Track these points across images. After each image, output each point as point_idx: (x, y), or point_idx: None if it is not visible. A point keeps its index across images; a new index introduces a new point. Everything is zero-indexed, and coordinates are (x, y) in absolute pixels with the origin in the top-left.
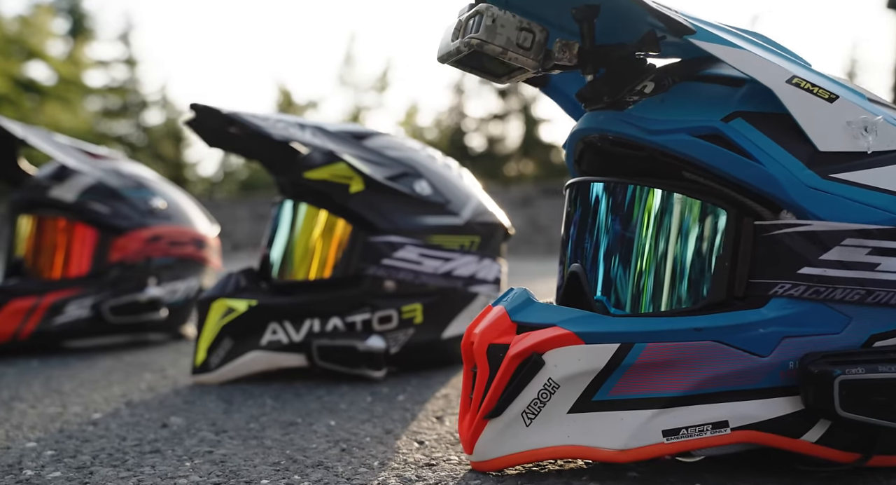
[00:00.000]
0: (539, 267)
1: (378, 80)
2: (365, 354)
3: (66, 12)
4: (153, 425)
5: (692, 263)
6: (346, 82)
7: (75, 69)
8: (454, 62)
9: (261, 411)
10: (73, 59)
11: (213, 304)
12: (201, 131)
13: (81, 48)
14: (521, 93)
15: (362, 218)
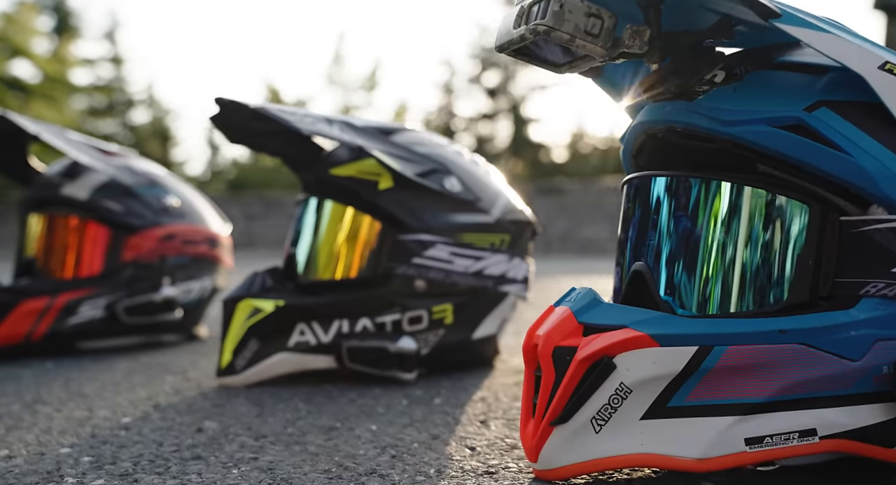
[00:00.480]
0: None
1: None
2: (396, 355)
3: (50, 10)
4: (187, 429)
5: (771, 262)
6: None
7: (61, 67)
8: (513, 51)
9: (296, 415)
10: (58, 57)
11: (239, 304)
12: (224, 127)
13: (67, 46)
14: (510, 92)
15: (392, 216)
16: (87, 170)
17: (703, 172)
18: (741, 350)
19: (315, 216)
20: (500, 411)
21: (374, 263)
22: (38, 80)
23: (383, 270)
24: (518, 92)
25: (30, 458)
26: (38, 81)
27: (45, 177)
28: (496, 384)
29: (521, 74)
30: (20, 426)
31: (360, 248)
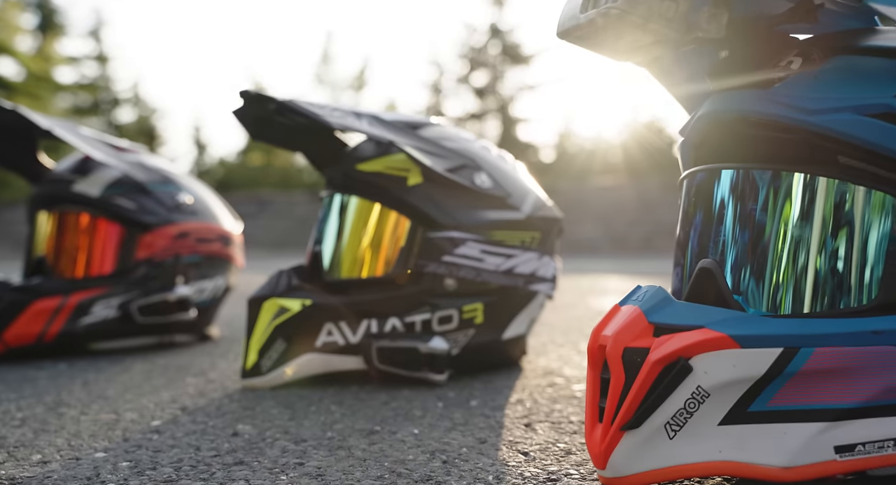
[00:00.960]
0: None
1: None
2: (427, 356)
3: (34, 7)
4: (221, 433)
5: (859, 259)
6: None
7: (45, 65)
8: (576, 38)
9: (331, 418)
10: (42, 55)
11: (265, 303)
12: (246, 121)
13: (51, 44)
14: (498, 92)
15: (422, 212)
16: (98, 166)
17: (780, 163)
18: (830, 352)
19: (341, 213)
20: (541, 413)
21: (403, 261)
22: (22, 78)
23: (413, 269)
24: (506, 92)
25: (65, 463)
26: (22, 79)
27: (55, 173)
28: (529, 386)
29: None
30: (47, 430)
31: (389, 245)
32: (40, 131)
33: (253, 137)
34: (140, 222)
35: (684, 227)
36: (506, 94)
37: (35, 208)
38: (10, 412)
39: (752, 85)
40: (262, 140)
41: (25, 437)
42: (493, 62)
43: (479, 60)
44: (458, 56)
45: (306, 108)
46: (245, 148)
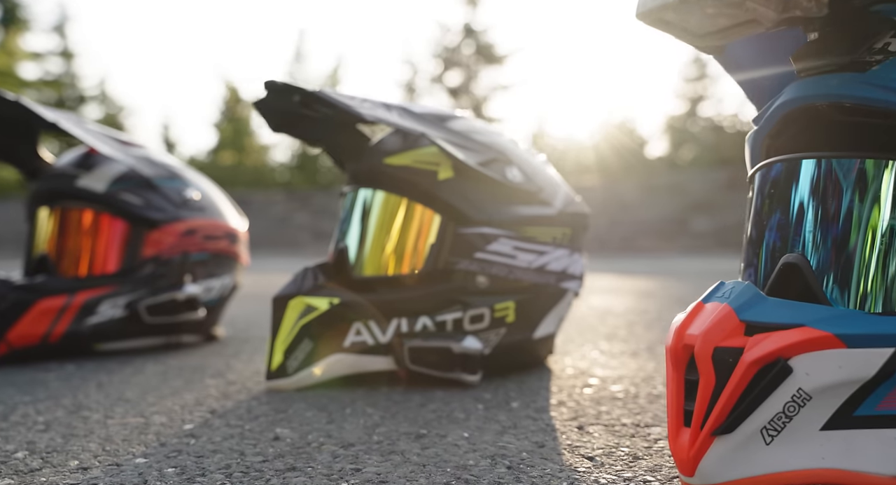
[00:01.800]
0: None
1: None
2: (460, 356)
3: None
4: (261, 437)
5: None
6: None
7: (8, 60)
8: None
9: (371, 421)
10: (5, 50)
11: (290, 302)
12: (269, 114)
13: (14, 39)
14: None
15: (453, 207)
16: (103, 161)
17: (873, 151)
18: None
19: (367, 209)
20: (589, 415)
21: (433, 258)
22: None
23: (444, 266)
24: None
25: (106, 469)
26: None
27: (57, 168)
28: (565, 387)
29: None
30: (76, 434)
31: (419, 242)
32: (43, 124)
33: (274, 129)
34: (147, 219)
35: (758, 223)
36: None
37: (35, 204)
38: (30, 416)
39: (844, 68)
40: (282, 132)
41: (55, 442)
42: (467, 62)
43: (452, 60)
44: (432, 55)
45: (337, 98)
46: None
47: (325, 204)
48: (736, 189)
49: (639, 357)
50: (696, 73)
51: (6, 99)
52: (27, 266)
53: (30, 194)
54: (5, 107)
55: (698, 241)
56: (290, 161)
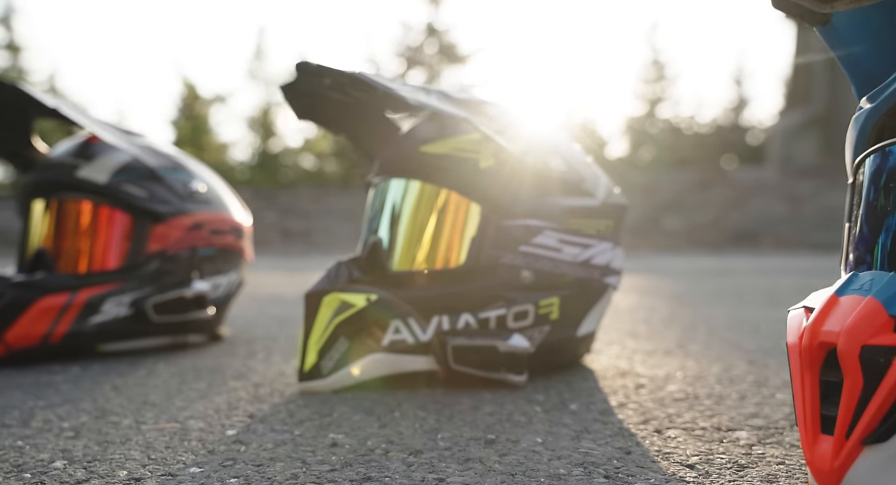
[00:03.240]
0: None
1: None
2: (506, 355)
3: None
4: (315, 443)
5: None
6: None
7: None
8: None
9: (427, 425)
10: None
11: (325, 299)
12: (295, 98)
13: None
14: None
15: (495, 198)
16: (104, 150)
17: None
18: None
19: (401, 200)
20: (659, 418)
21: (475, 252)
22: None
23: (487, 260)
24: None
25: (161, 480)
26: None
27: (53, 159)
28: (615, 387)
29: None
30: (111, 441)
31: (459, 234)
32: (40, 111)
33: (299, 115)
34: (152, 212)
35: (871, 217)
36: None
37: (30, 197)
38: (53, 422)
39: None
40: (307, 119)
41: (91, 450)
42: (430, 61)
43: (415, 59)
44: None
45: (379, 81)
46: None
47: (291, 203)
48: (706, 189)
49: (674, 356)
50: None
51: (2, 83)
52: (22, 262)
53: (24, 186)
54: (2, 92)
55: (671, 239)
56: (250, 160)
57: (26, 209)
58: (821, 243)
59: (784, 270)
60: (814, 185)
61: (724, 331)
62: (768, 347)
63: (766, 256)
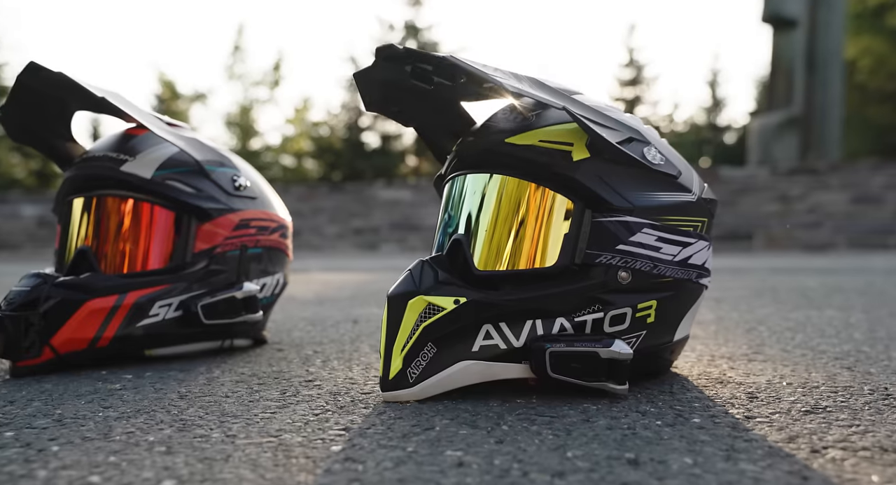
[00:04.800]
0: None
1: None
2: (607, 363)
3: None
4: (437, 462)
5: None
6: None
7: None
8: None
9: (549, 442)
10: None
11: (410, 301)
12: (369, 87)
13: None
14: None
15: (591, 192)
16: (147, 144)
17: None
18: None
19: (485, 195)
20: (804, 435)
21: (569, 251)
22: None
23: (582, 259)
24: None
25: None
26: None
27: (94, 153)
28: (722, 396)
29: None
30: (212, 458)
31: (551, 232)
32: (82, 103)
33: (368, 105)
34: (199, 209)
35: None
36: None
37: (70, 193)
38: (134, 434)
39: None
40: (376, 110)
41: (195, 467)
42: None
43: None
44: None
45: (472, 66)
46: None
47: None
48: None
49: (757, 361)
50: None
51: (49, 72)
52: (61, 262)
53: (64, 182)
54: (43, 83)
55: None
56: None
57: (66, 206)
58: (813, 243)
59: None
60: (803, 184)
61: (788, 333)
62: (849, 351)
63: (761, 256)
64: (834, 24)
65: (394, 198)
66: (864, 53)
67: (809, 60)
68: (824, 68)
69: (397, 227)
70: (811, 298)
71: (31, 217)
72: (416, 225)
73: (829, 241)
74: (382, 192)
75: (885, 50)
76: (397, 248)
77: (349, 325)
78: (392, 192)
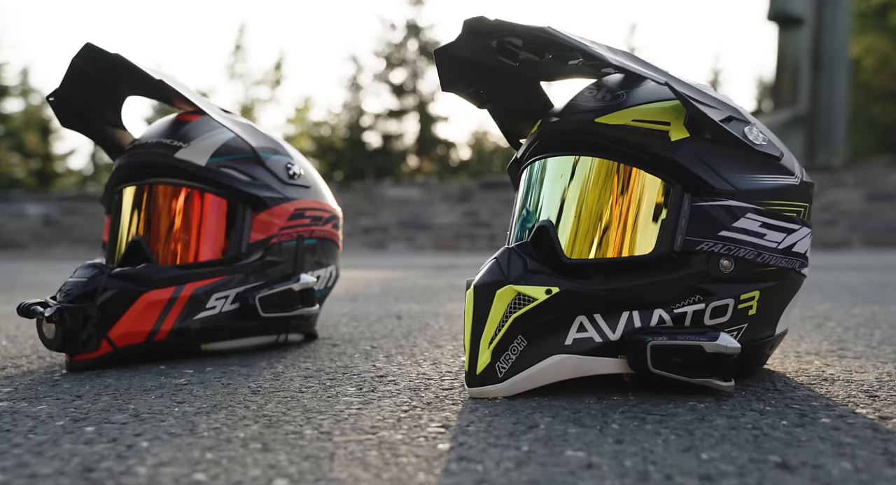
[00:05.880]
0: (477, 260)
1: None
2: (712, 357)
3: None
4: (562, 462)
5: None
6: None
7: None
8: None
9: (674, 442)
10: None
11: (498, 291)
12: (449, 63)
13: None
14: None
15: (692, 174)
16: (202, 130)
17: None
18: None
19: (573, 178)
20: None
21: (667, 238)
22: None
23: (681, 246)
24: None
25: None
26: None
27: (147, 140)
28: (836, 394)
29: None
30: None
31: (648, 218)
32: (135, 88)
33: (445, 84)
34: (254, 198)
35: None
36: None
37: (121, 182)
38: (222, 430)
39: None
40: (453, 89)
41: (302, 466)
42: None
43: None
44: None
45: (572, 38)
46: None
47: None
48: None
49: (848, 358)
50: None
51: (106, 53)
52: (111, 254)
53: (115, 169)
54: (98, 65)
55: None
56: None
57: (117, 195)
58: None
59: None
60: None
61: (863, 329)
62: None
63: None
64: (840, 22)
65: (402, 196)
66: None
67: (815, 58)
68: (830, 66)
69: (406, 225)
70: (862, 293)
71: (36, 216)
72: (425, 224)
73: (845, 239)
74: (391, 190)
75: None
76: (406, 246)
77: (394, 320)
78: (400, 190)
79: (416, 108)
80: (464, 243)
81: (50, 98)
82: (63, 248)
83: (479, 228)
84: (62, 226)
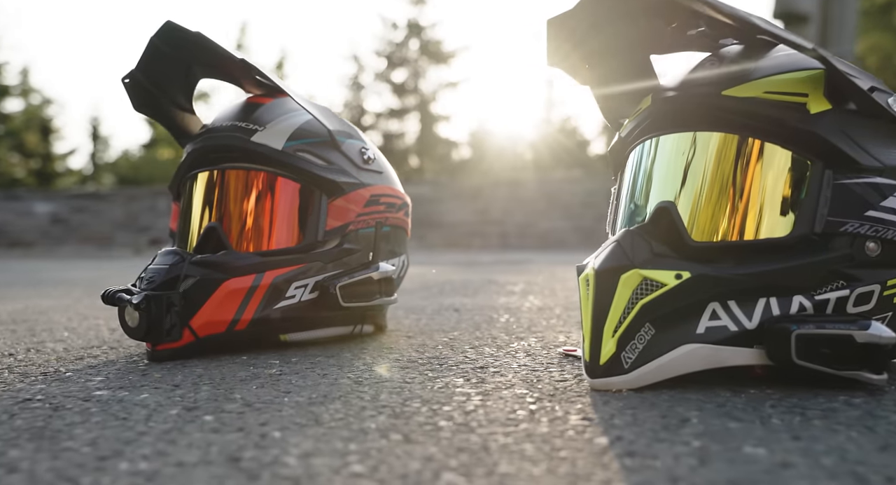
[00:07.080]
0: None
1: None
2: (863, 348)
3: None
4: (747, 460)
5: None
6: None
7: None
8: None
9: (847, 438)
10: None
11: (623, 276)
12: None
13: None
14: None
15: (835, 150)
16: (277, 113)
17: None
18: None
19: (696, 155)
20: None
21: (807, 219)
22: None
23: (823, 228)
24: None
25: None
26: None
27: (221, 124)
28: None
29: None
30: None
31: (785, 197)
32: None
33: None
34: (331, 183)
35: None
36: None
37: (193, 167)
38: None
39: None
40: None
41: (462, 460)
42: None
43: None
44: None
45: (723, 4)
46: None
47: None
48: None
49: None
50: None
51: (186, 32)
52: (183, 242)
53: (188, 154)
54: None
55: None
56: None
57: (189, 180)
58: None
59: None
60: None
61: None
62: None
63: None
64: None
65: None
66: (872, 50)
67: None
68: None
69: (417, 223)
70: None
71: (44, 214)
72: (436, 221)
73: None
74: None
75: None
76: (418, 244)
77: (453, 313)
78: (411, 188)
79: (417, 107)
80: (476, 241)
81: (126, 80)
82: (71, 246)
83: (491, 226)
84: (70, 224)
